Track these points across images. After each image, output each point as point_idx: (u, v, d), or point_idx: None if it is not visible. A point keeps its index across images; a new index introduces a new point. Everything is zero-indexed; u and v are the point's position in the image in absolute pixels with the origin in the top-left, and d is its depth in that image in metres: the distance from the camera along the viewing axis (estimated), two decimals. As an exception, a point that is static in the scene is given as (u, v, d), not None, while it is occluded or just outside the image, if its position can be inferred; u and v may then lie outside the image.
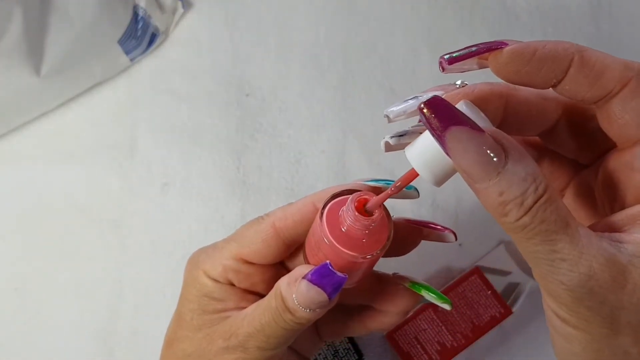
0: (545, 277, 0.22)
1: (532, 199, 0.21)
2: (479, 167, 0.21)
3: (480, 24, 0.51)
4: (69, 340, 0.45)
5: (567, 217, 0.22)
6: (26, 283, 0.46)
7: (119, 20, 0.45)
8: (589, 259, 0.21)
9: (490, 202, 0.22)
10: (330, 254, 0.27)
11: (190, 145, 0.48)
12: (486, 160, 0.21)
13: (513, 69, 0.24)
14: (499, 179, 0.21)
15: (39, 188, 0.47)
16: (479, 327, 0.43)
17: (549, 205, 0.21)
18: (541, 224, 0.21)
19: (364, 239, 0.27)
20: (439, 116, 0.22)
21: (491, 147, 0.21)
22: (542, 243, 0.21)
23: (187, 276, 0.32)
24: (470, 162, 0.22)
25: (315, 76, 0.50)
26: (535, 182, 0.21)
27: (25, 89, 0.43)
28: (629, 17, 0.52)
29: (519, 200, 0.21)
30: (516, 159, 0.21)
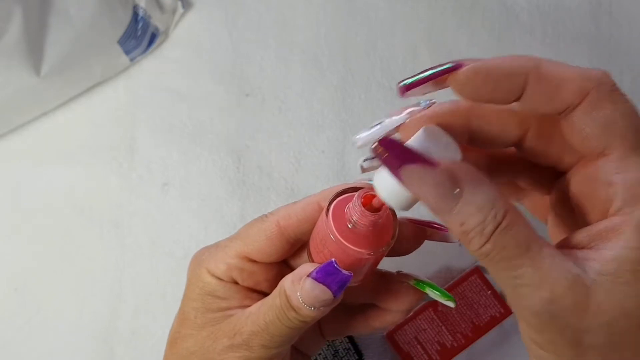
0: (513, 301, 0.23)
1: (492, 227, 0.22)
2: (437, 201, 0.22)
3: (480, 24, 0.51)
4: (69, 339, 0.45)
5: (530, 240, 0.22)
6: (26, 283, 0.46)
7: (119, 20, 0.45)
8: (551, 283, 0.21)
9: (455, 231, 0.22)
10: (336, 251, 0.27)
11: (190, 145, 0.48)
12: (442, 193, 0.22)
13: (471, 89, 0.24)
14: (458, 210, 0.22)
15: (39, 188, 0.47)
16: (479, 327, 0.43)
17: (508, 230, 0.22)
18: (502, 250, 0.22)
19: (369, 235, 0.27)
20: (392, 156, 0.22)
21: (446, 180, 0.22)
22: (505, 269, 0.22)
23: (191, 275, 0.32)
24: (428, 197, 0.22)
25: (315, 76, 0.50)
26: (494, 209, 0.22)
27: (25, 88, 0.43)
28: (629, 16, 0.52)
29: (479, 229, 0.22)
30: (472, 189, 0.22)
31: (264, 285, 0.31)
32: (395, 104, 0.50)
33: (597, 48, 0.51)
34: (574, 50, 0.51)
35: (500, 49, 0.51)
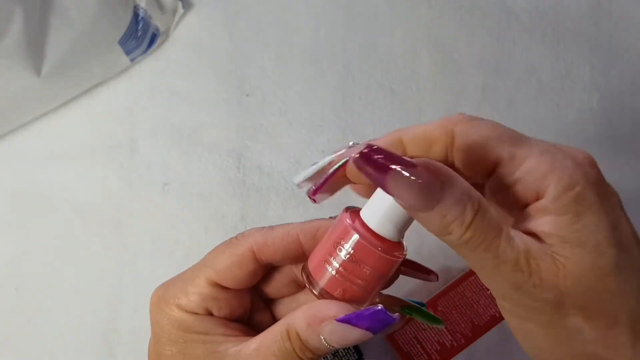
0: (494, 281, 0.24)
1: (471, 215, 0.23)
2: (421, 199, 0.23)
3: (480, 24, 0.51)
4: (70, 339, 0.45)
5: (499, 221, 0.24)
6: (27, 283, 0.46)
7: (120, 20, 0.45)
8: (525, 257, 0.23)
9: (434, 225, 0.24)
10: (376, 263, 0.26)
11: (190, 145, 0.48)
12: (425, 192, 0.23)
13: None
14: (439, 206, 0.23)
15: (40, 188, 0.47)
16: (478, 327, 0.43)
17: (484, 215, 0.23)
18: (481, 234, 0.23)
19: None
20: (375, 164, 0.23)
21: (426, 179, 0.23)
22: (485, 251, 0.23)
23: (157, 317, 0.29)
24: (411, 198, 0.23)
25: (315, 76, 0.50)
26: (471, 199, 0.23)
27: (26, 89, 0.43)
28: (629, 17, 0.52)
29: (460, 219, 0.23)
30: (449, 184, 0.23)
31: (239, 312, 0.30)
32: (395, 104, 0.50)
33: (597, 48, 0.51)
34: (573, 51, 0.51)
35: (500, 49, 0.51)
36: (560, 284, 0.23)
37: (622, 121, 0.50)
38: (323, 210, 0.47)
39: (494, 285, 0.25)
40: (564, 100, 0.50)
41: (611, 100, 0.50)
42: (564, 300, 0.24)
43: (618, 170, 0.49)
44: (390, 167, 0.23)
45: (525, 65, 0.51)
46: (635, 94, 0.51)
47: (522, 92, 0.50)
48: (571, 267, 0.23)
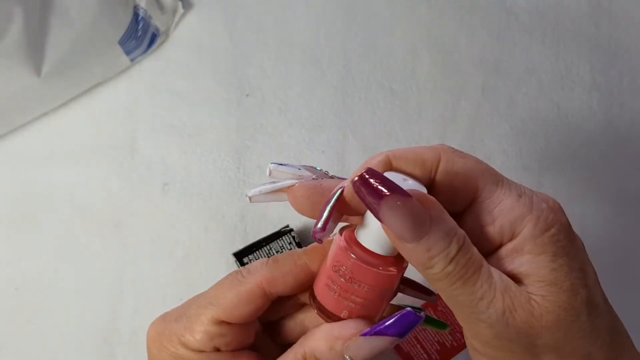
0: (469, 319, 0.25)
1: (455, 250, 0.24)
2: (410, 231, 0.24)
3: (480, 24, 0.51)
4: (70, 339, 0.45)
5: (480, 258, 0.24)
6: (27, 283, 0.46)
7: (120, 20, 0.45)
8: (501, 294, 0.24)
9: (418, 258, 0.24)
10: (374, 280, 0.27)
11: (190, 145, 0.48)
12: (416, 224, 0.24)
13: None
14: (427, 238, 0.24)
15: (40, 188, 0.47)
16: None
17: (467, 251, 0.24)
18: (462, 269, 0.24)
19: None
20: (371, 189, 0.24)
21: (418, 211, 0.24)
22: (463, 286, 0.24)
23: (161, 355, 0.29)
24: (401, 228, 0.24)
25: (315, 76, 0.50)
26: (457, 235, 0.24)
27: (26, 89, 0.43)
28: (629, 17, 0.52)
29: (444, 253, 0.24)
30: (439, 218, 0.24)
31: (247, 342, 0.30)
32: (395, 104, 0.50)
33: (597, 48, 0.51)
34: (573, 51, 0.51)
35: (500, 49, 0.51)
36: (535, 323, 0.24)
37: (621, 121, 0.50)
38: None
39: (468, 322, 0.25)
40: (564, 100, 0.50)
41: (611, 100, 0.50)
42: (537, 341, 0.24)
43: (618, 170, 0.49)
44: (385, 194, 0.23)
45: (525, 65, 0.51)
46: (634, 93, 0.51)
47: (522, 92, 0.50)
48: (547, 306, 0.24)
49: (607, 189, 0.49)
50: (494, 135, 0.50)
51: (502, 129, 0.50)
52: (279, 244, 0.44)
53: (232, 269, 0.46)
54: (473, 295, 0.24)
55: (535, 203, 0.25)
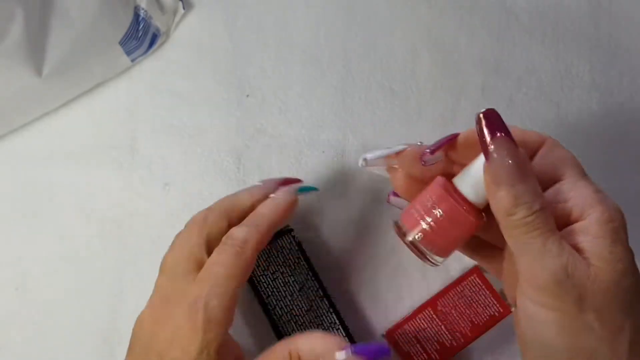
0: (533, 265, 0.29)
1: (537, 206, 0.29)
2: (507, 174, 0.29)
3: (480, 24, 0.51)
4: (70, 339, 0.45)
5: (554, 224, 0.29)
6: (27, 283, 0.46)
7: (120, 21, 0.45)
8: (566, 254, 0.29)
9: (504, 203, 0.29)
10: (460, 222, 0.33)
11: (190, 145, 0.48)
12: (514, 170, 0.29)
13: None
14: (519, 187, 0.29)
15: (40, 188, 0.47)
16: (478, 326, 0.43)
17: (547, 213, 0.29)
18: (540, 222, 0.29)
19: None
20: (494, 123, 0.30)
21: (521, 161, 0.29)
22: (538, 236, 0.29)
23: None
24: (501, 168, 0.29)
25: (315, 76, 0.50)
26: (542, 197, 0.29)
27: (27, 89, 0.43)
28: (629, 17, 0.52)
29: (529, 204, 0.29)
30: (533, 177, 0.29)
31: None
32: (395, 104, 0.50)
33: (597, 48, 0.51)
34: (573, 51, 0.51)
35: (500, 49, 0.51)
36: (588, 285, 0.28)
37: (621, 121, 0.50)
38: (322, 210, 0.48)
39: (530, 269, 0.29)
40: (564, 100, 0.50)
41: (611, 100, 0.50)
42: (586, 298, 0.28)
43: (617, 170, 0.49)
44: (499, 134, 0.29)
45: (525, 65, 0.51)
46: (635, 93, 0.51)
47: (522, 92, 0.50)
48: (601, 276, 0.28)
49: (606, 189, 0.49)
50: (494, 135, 0.50)
51: (502, 129, 0.50)
52: (279, 243, 0.45)
53: (232, 269, 0.46)
54: (544, 246, 0.28)
55: (606, 200, 0.30)
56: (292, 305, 0.44)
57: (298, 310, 0.44)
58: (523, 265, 0.29)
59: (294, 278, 0.44)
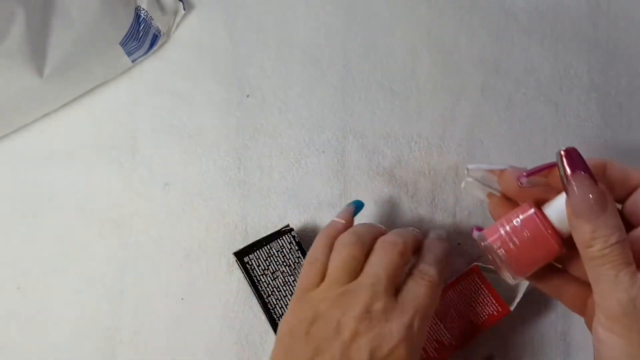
0: (606, 295, 0.31)
1: (614, 240, 0.31)
2: (586, 209, 0.32)
3: (479, 24, 0.52)
4: (71, 338, 0.46)
5: (630, 258, 0.31)
6: (28, 282, 0.46)
7: (121, 21, 0.45)
8: (637, 287, 0.31)
9: (583, 235, 0.32)
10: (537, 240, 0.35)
11: (191, 145, 0.48)
12: (592, 205, 0.31)
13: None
14: (597, 221, 0.31)
15: (41, 188, 0.47)
16: (477, 326, 0.43)
17: (622, 247, 0.31)
18: (615, 256, 0.31)
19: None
20: (571, 162, 0.32)
21: (599, 196, 0.32)
22: (612, 269, 0.31)
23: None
24: (580, 202, 0.32)
25: (315, 76, 0.50)
26: (619, 231, 0.31)
27: (28, 90, 0.43)
28: (627, 17, 0.52)
29: (605, 238, 0.31)
30: (611, 212, 0.32)
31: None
32: (395, 104, 0.50)
33: (596, 49, 0.52)
34: (572, 51, 0.51)
35: (499, 49, 0.51)
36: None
37: (619, 121, 0.50)
38: (322, 210, 0.48)
39: (603, 297, 0.32)
40: (563, 100, 0.51)
41: (609, 101, 0.51)
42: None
43: (616, 170, 0.50)
44: (578, 170, 0.32)
45: (524, 66, 0.51)
46: (633, 94, 0.51)
47: (521, 92, 0.51)
48: None
49: (605, 189, 0.49)
50: (493, 135, 0.50)
51: (501, 129, 0.50)
52: (279, 243, 0.45)
53: (232, 268, 0.47)
54: (617, 278, 0.31)
55: None
56: (292, 305, 0.44)
57: (298, 310, 0.44)
58: (597, 293, 0.32)
59: (294, 278, 0.45)
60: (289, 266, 0.45)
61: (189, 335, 0.46)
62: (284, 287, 0.44)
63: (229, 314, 0.46)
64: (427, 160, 0.49)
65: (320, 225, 0.48)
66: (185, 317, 0.46)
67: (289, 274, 0.44)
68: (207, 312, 0.46)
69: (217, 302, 0.46)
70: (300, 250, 0.45)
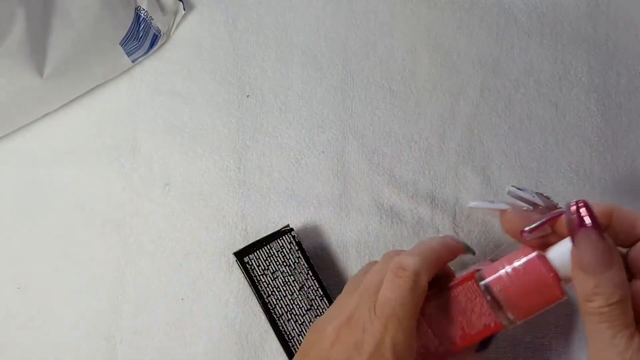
0: (599, 353, 0.31)
1: (615, 299, 0.30)
2: (590, 263, 0.31)
3: (479, 25, 0.52)
4: (72, 338, 0.46)
5: (630, 320, 0.31)
6: (29, 282, 0.46)
7: (121, 21, 0.45)
8: (631, 352, 0.30)
9: (585, 288, 0.31)
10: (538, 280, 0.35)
11: (191, 145, 0.49)
12: (597, 261, 0.31)
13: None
14: (600, 277, 0.30)
15: (42, 188, 0.47)
16: (469, 335, 0.37)
17: (623, 307, 0.30)
18: (614, 317, 0.30)
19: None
20: (580, 216, 0.32)
21: (604, 253, 0.31)
22: (608, 329, 0.30)
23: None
24: (584, 256, 0.31)
25: (315, 77, 0.50)
26: (622, 290, 0.30)
27: (28, 90, 0.43)
28: (626, 18, 0.52)
29: (607, 295, 0.30)
30: (616, 269, 0.31)
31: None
32: (394, 104, 0.50)
33: (595, 49, 0.52)
34: (571, 52, 0.51)
35: (499, 49, 0.51)
36: None
37: (619, 122, 0.50)
38: (322, 210, 0.48)
39: (594, 355, 0.31)
40: (562, 100, 0.51)
41: (609, 101, 0.51)
42: None
43: (615, 170, 0.50)
44: (587, 224, 0.31)
45: (523, 66, 0.51)
46: (632, 94, 0.51)
47: (521, 93, 0.51)
48: None
49: (605, 189, 0.49)
50: (493, 135, 0.50)
51: (501, 129, 0.50)
52: (279, 243, 0.45)
53: (232, 268, 0.47)
54: (612, 339, 0.30)
55: None
56: (292, 305, 0.44)
57: (298, 310, 0.44)
58: (591, 350, 0.32)
59: (294, 278, 0.45)
60: (289, 266, 0.45)
61: (189, 335, 0.46)
62: (284, 287, 0.44)
63: (229, 314, 0.46)
64: (427, 160, 0.49)
65: (320, 225, 0.48)
66: (185, 317, 0.46)
67: (289, 274, 0.45)
68: (207, 312, 0.46)
69: (217, 302, 0.46)
70: (300, 250, 0.45)
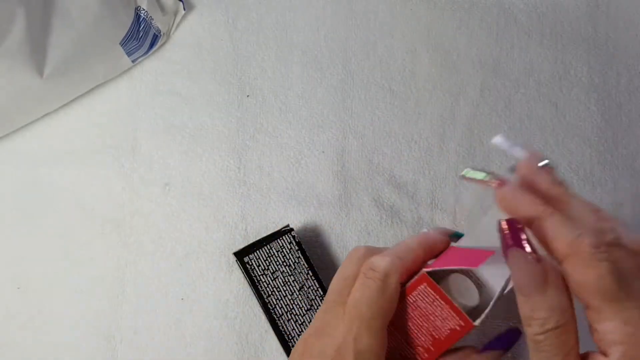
0: None
1: (551, 326, 0.27)
2: (524, 285, 0.28)
3: (479, 25, 0.52)
4: (72, 338, 0.46)
5: (571, 350, 0.28)
6: (29, 282, 0.46)
7: (121, 22, 0.46)
8: None
9: (522, 310, 0.28)
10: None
11: (191, 145, 0.49)
12: (531, 283, 0.28)
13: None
14: (535, 300, 0.28)
15: (42, 188, 0.47)
16: (440, 341, 0.35)
17: (560, 335, 0.27)
18: (549, 346, 0.27)
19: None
20: (511, 235, 0.29)
21: (538, 274, 0.28)
22: (544, 358, 0.27)
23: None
24: (518, 278, 0.28)
25: (315, 77, 0.50)
26: (560, 315, 0.27)
27: (28, 90, 0.43)
28: (626, 18, 0.52)
29: (542, 321, 0.27)
30: (555, 291, 0.28)
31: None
32: (394, 104, 0.50)
33: (595, 49, 0.52)
34: (571, 52, 0.51)
35: (499, 49, 0.51)
36: None
37: (619, 122, 0.51)
38: (322, 210, 0.48)
39: None
40: (562, 100, 0.51)
41: (609, 101, 0.51)
42: None
43: (615, 170, 0.50)
44: (517, 244, 0.28)
45: (523, 66, 0.51)
46: (632, 94, 0.51)
47: (520, 93, 0.51)
48: None
49: (603, 189, 0.49)
50: (493, 135, 0.50)
51: (501, 130, 0.50)
52: (279, 243, 0.45)
53: (232, 268, 0.47)
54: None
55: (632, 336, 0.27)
56: (292, 305, 0.44)
57: (298, 310, 0.44)
58: None
59: (294, 278, 0.45)
60: (289, 266, 0.45)
61: (189, 335, 0.46)
62: (284, 287, 0.44)
63: (229, 314, 0.46)
64: (427, 160, 0.49)
65: (320, 225, 0.48)
66: (185, 317, 0.46)
67: (289, 274, 0.45)
68: (207, 312, 0.46)
69: (217, 302, 0.46)
70: (300, 250, 0.45)
